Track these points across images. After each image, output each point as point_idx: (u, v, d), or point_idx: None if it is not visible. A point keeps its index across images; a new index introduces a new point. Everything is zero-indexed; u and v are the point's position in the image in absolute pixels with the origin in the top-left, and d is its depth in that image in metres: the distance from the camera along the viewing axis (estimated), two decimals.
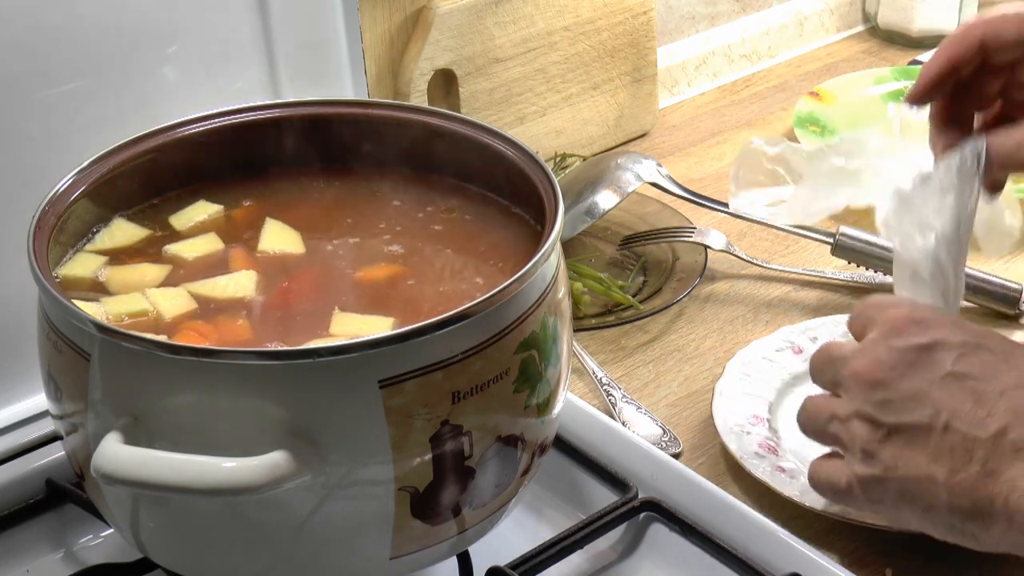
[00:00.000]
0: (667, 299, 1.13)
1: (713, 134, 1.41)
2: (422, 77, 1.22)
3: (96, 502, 0.80)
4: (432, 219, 0.87)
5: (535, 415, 0.78)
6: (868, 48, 1.58)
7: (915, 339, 0.81)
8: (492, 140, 0.86)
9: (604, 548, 0.90)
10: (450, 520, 0.76)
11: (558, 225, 0.78)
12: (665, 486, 0.90)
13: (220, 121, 0.89)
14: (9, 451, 0.93)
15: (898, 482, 0.80)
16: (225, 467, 0.68)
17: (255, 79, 1.02)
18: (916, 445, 0.79)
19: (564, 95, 1.32)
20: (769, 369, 1.03)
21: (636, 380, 1.07)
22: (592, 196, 1.18)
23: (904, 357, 0.80)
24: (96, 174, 0.84)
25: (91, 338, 0.73)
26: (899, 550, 0.90)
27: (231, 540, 0.75)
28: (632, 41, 1.35)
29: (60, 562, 0.90)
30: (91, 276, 0.83)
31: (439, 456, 0.73)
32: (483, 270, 0.83)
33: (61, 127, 0.93)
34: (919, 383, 0.80)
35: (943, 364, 0.80)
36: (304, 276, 0.83)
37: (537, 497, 0.93)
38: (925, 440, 0.79)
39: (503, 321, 0.74)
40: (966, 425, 0.78)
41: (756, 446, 0.96)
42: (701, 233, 1.19)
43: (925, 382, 0.79)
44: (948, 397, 0.79)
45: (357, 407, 0.71)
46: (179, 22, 0.97)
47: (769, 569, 0.84)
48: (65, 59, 0.92)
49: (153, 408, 0.72)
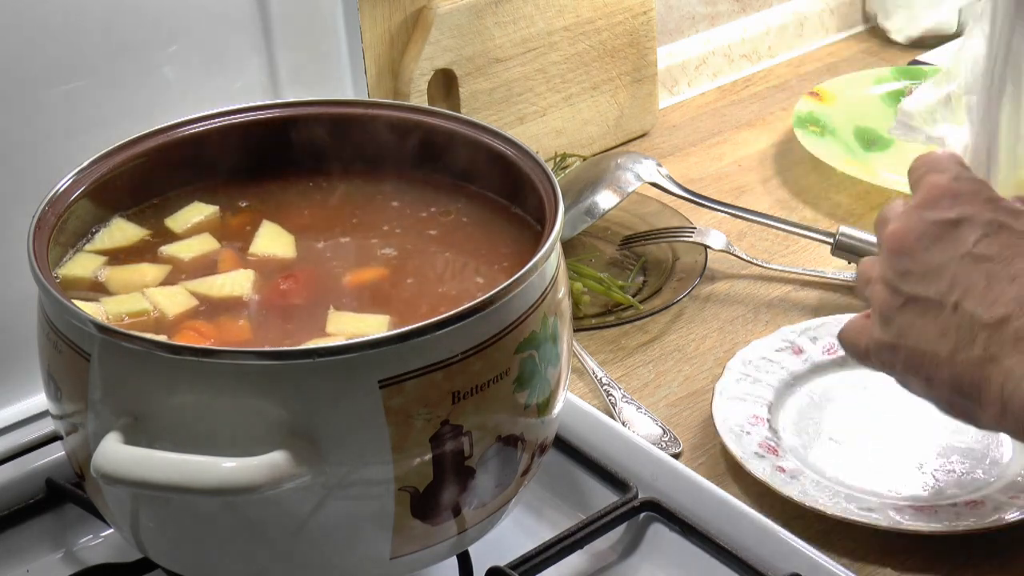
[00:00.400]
0: (667, 299, 1.13)
1: (713, 134, 1.41)
2: (422, 77, 1.22)
3: (96, 502, 0.80)
4: (432, 219, 0.87)
5: (535, 415, 0.78)
6: (868, 48, 1.58)
7: (944, 213, 0.81)
8: (492, 140, 0.86)
9: (604, 548, 0.90)
10: (450, 520, 0.76)
11: (558, 225, 0.78)
12: (665, 486, 0.90)
13: (220, 121, 0.89)
14: (9, 451, 0.93)
15: (907, 351, 0.81)
16: (225, 467, 0.68)
17: (255, 79, 1.02)
18: (927, 318, 0.80)
19: (564, 95, 1.32)
20: (769, 369, 1.03)
21: (636, 380, 1.07)
22: (592, 196, 1.18)
23: (931, 230, 0.81)
24: (96, 174, 0.84)
25: (91, 338, 0.73)
26: (899, 550, 0.90)
27: (231, 540, 0.75)
28: (632, 41, 1.35)
29: (60, 562, 0.90)
30: (91, 276, 0.83)
31: (439, 456, 0.73)
32: (483, 270, 0.83)
33: (61, 127, 0.93)
34: (940, 258, 0.80)
35: (966, 242, 0.80)
36: (302, 275, 0.83)
37: (537, 497, 0.93)
38: (936, 315, 0.79)
39: (503, 321, 0.74)
40: (973, 306, 0.78)
41: (756, 446, 0.96)
42: (701, 233, 1.19)
43: (945, 257, 0.80)
44: (963, 276, 0.79)
45: (357, 407, 0.71)
46: (179, 22, 0.97)
47: (769, 569, 0.84)
48: (65, 59, 0.92)
49: (153, 408, 0.72)
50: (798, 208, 1.28)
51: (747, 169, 1.35)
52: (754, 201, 1.29)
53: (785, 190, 1.31)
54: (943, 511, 0.90)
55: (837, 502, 0.91)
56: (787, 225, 1.21)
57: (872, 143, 1.36)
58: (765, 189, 1.32)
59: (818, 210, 1.28)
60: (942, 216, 0.81)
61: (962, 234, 0.80)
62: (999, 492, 0.92)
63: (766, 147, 1.39)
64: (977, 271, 0.79)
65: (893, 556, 0.90)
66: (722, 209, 1.23)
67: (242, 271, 0.83)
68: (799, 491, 0.92)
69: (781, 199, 1.30)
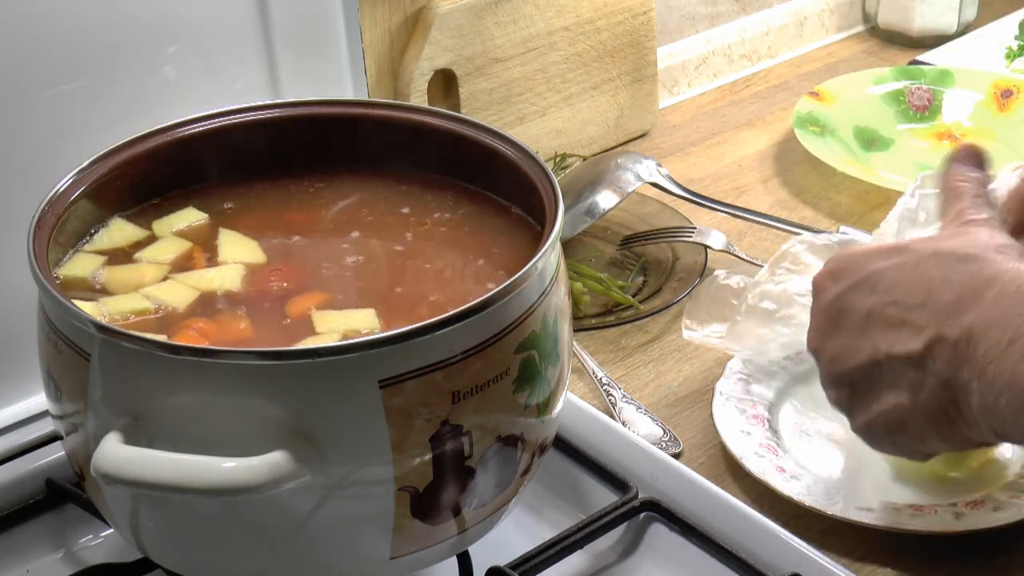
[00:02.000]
0: (667, 299, 1.13)
1: (713, 134, 1.41)
2: (422, 77, 1.22)
3: (96, 502, 0.80)
4: (432, 219, 0.87)
5: (535, 415, 0.78)
6: (868, 48, 1.58)
7: (829, 293, 0.84)
8: (492, 140, 0.86)
9: (604, 548, 0.90)
10: (450, 520, 0.76)
11: (558, 225, 0.78)
12: (665, 486, 0.90)
13: (220, 121, 0.89)
14: (9, 451, 0.93)
15: (879, 419, 0.82)
16: (225, 467, 0.68)
17: (255, 79, 1.02)
18: (875, 385, 0.81)
19: (564, 95, 1.32)
20: (769, 369, 1.03)
21: (636, 380, 1.07)
22: (592, 196, 1.18)
23: (827, 317, 0.84)
24: (96, 174, 0.84)
25: (91, 338, 0.73)
26: (899, 550, 0.90)
27: (231, 540, 0.75)
28: (632, 41, 1.36)
29: (60, 562, 0.90)
30: (90, 276, 0.83)
31: (439, 456, 0.73)
32: (483, 270, 0.83)
33: (61, 127, 0.93)
34: (847, 335, 0.82)
35: (859, 308, 0.82)
36: (300, 273, 0.83)
37: (537, 497, 0.93)
38: (879, 377, 0.81)
39: (503, 321, 0.74)
40: (902, 348, 0.79)
41: (756, 446, 0.96)
42: (701, 233, 1.19)
43: (851, 332, 0.82)
44: (876, 334, 0.81)
45: (357, 407, 0.71)
46: (179, 22, 0.97)
47: (769, 569, 0.84)
48: (65, 59, 0.92)
49: (153, 408, 0.72)
50: (798, 208, 1.28)
51: (747, 169, 1.35)
52: (754, 201, 1.29)
53: (785, 190, 1.31)
54: (943, 511, 0.90)
55: (837, 502, 0.91)
56: (787, 225, 1.21)
57: (872, 143, 1.36)
58: (765, 189, 1.32)
59: (818, 210, 1.28)
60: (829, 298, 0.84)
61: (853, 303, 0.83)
62: (999, 492, 0.92)
63: (766, 147, 1.39)
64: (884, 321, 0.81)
65: (893, 556, 0.90)
66: (722, 209, 1.23)
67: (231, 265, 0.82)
68: (799, 491, 0.92)
69: (781, 199, 1.30)
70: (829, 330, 0.84)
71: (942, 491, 0.93)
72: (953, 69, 1.44)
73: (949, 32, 1.57)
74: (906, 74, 1.44)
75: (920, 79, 1.43)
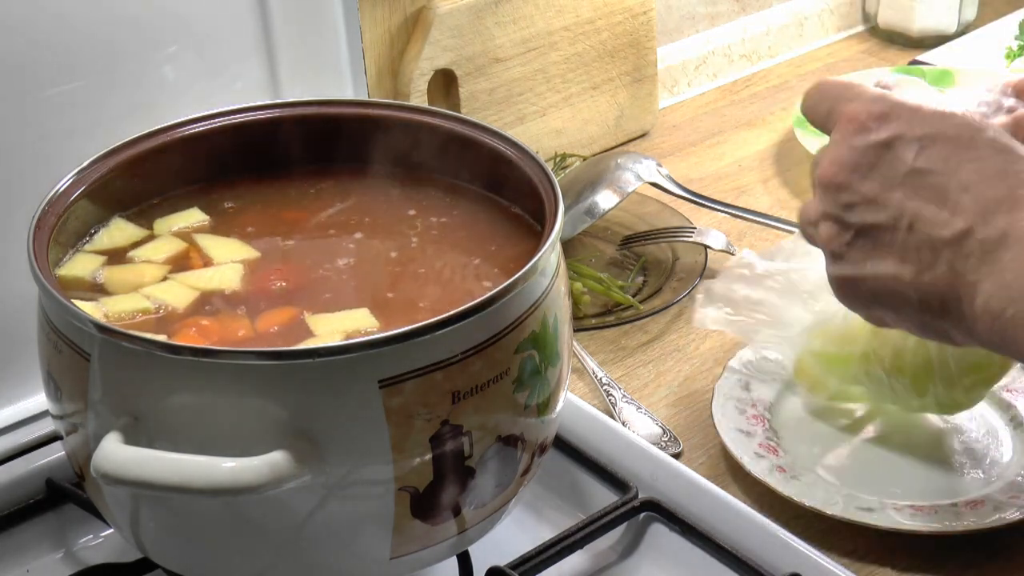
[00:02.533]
0: (667, 299, 1.13)
1: (713, 134, 1.41)
2: (422, 77, 1.22)
3: (96, 502, 0.80)
4: (432, 219, 0.87)
5: (535, 415, 0.78)
6: (868, 48, 1.58)
7: (874, 135, 0.78)
8: (492, 140, 0.86)
9: (604, 548, 0.90)
10: (450, 520, 0.76)
11: (558, 225, 0.78)
12: (665, 486, 0.90)
13: (220, 121, 0.89)
14: (9, 451, 0.93)
15: (868, 281, 0.78)
16: (225, 467, 0.68)
17: (255, 79, 1.02)
18: (882, 245, 0.77)
19: (564, 95, 1.32)
20: (769, 369, 1.03)
21: (636, 380, 1.07)
22: (592, 196, 1.18)
23: (865, 157, 0.78)
24: (96, 174, 0.84)
25: (91, 338, 0.73)
26: (899, 550, 0.90)
27: (231, 540, 0.75)
28: (632, 41, 1.35)
29: (60, 562, 0.90)
30: (90, 276, 0.83)
31: (439, 456, 0.73)
32: (483, 270, 0.83)
33: (61, 127, 0.93)
34: (881, 183, 0.77)
35: (904, 160, 0.77)
36: (299, 273, 0.83)
37: (537, 497, 0.93)
38: (891, 240, 0.77)
39: (503, 321, 0.74)
40: (929, 226, 0.75)
41: (756, 446, 0.96)
42: (701, 233, 1.19)
43: (887, 182, 0.77)
44: (910, 197, 0.76)
45: (357, 407, 0.71)
46: (179, 22, 0.97)
47: (769, 569, 0.84)
48: (65, 59, 0.92)
49: (153, 408, 0.72)
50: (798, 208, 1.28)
51: (747, 169, 1.35)
52: (754, 201, 1.29)
53: (785, 190, 1.31)
54: (943, 511, 0.90)
55: (837, 502, 0.91)
56: (787, 225, 1.21)
57: None
58: (765, 189, 1.32)
59: None
60: (873, 139, 0.78)
61: (899, 153, 0.77)
62: (999, 492, 0.92)
63: (766, 147, 1.39)
64: (924, 188, 0.76)
65: (893, 556, 0.90)
66: (722, 209, 1.23)
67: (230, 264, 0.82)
68: (799, 491, 0.92)
69: (781, 199, 1.30)
70: (864, 169, 0.78)
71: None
72: (953, 69, 1.44)
73: (949, 32, 1.57)
74: (906, 74, 1.44)
75: (920, 79, 1.43)
